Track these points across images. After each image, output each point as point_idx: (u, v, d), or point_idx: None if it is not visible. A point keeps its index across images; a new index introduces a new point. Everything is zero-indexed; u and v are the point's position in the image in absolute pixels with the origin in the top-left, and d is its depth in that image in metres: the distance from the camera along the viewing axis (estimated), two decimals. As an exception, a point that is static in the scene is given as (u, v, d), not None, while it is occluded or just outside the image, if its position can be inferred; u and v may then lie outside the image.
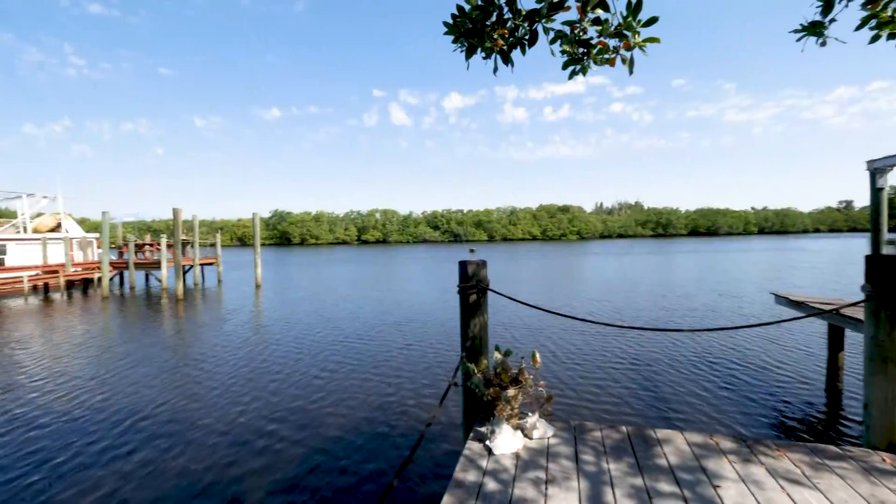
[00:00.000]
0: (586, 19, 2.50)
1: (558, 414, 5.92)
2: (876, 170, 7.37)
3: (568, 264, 34.85)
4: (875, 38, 2.82)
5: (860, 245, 53.87)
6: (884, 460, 2.62)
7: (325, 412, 6.25)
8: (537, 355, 3.17)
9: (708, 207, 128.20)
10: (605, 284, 21.11)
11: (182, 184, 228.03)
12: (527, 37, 2.35)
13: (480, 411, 3.19)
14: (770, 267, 28.62)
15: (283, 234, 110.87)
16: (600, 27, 2.51)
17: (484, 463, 2.64)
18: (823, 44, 2.99)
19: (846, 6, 2.87)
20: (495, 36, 2.32)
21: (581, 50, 2.64)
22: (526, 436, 2.97)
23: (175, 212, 18.40)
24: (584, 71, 2.76)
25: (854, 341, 8.13)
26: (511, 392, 2.97)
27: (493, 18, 2.32)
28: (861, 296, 2.94)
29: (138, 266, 23.58)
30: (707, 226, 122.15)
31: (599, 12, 2.47)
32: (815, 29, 2.90)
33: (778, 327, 10.29)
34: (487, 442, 2.83)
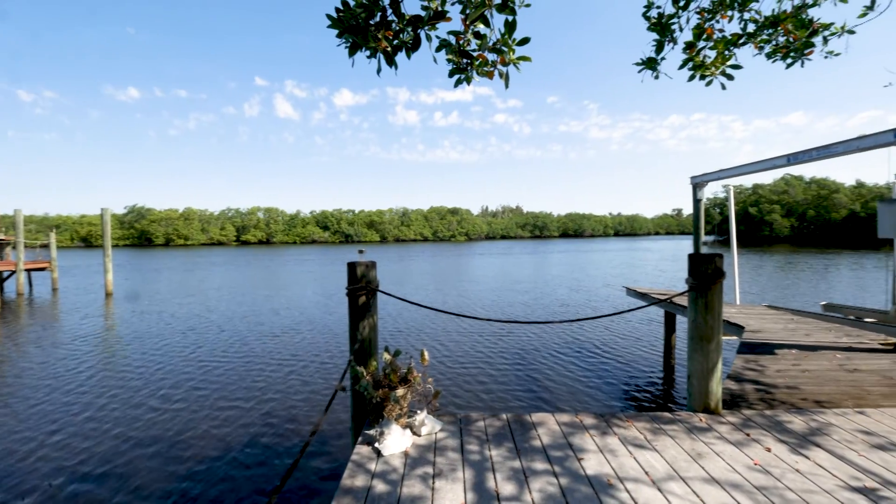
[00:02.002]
0: (469, 31, 2.65)
1: (447, 408, 6.13)
2: (696, 184, 9.08)
3: (456, 264, 36.27)
4: (692, 78, 3.47)
5: (688, 245, 65.76)
6: (701, 420, 3.23)
7: (200, 430, 5.58)
8: (426, 353, 3.24)
9: (575, 212, 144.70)
10: (489, 283, 22.45)
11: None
12: (410, 41, 2.39)
13: (369, 414, 3.15)
14: (622, 263, 33.36)
15: (143, 233, 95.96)
16: (480, 41, 2.68)
17: (373, 466, 2.61)
18: (657, 77, 3.59)
19: (672, 48, 3.49)
20: (379, 36, 2.31)
21: (465, 60, 2.78)
22: (415, 433, 3.01)
23: (-15, 205, 14.70)
24: (468, 80, 2.91)
25: (683, 324, 9.90)
26: (400, 392, 2.99)
27: (377, 19, 2.31)
28: (686, 287, 3.59)
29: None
30: (575, 228, 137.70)
31: (481, 27, 2.63)
32: (650, 64, 3.46)
33: (629, 315, 12.03)
34: (376, 444, 2.81)
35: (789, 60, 3.73)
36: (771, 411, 3.39)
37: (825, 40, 3.74)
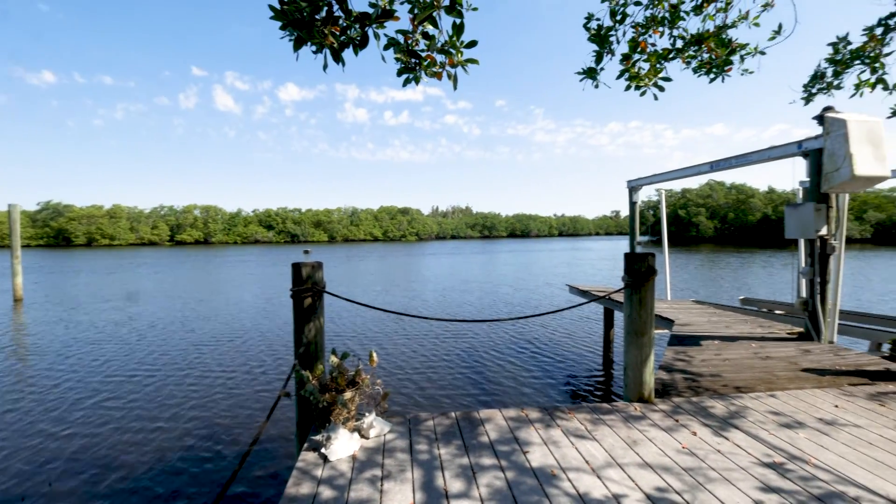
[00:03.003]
0: (418, 31, 2.64)
1: (396, 410, 6.09)
2: (632, 188, 9.67)
3: (406, 265, 36.11)
4: (628, 88, 3.69)
5: (625, 245, 69.80)
6: (636, 409, 3.45)
7: (127, 448, 5.14)
8: (374, 355, 3.21)
9: (522, 213, 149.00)
10: (439, 283, 22.57)
11: None
12: (358, 38, 2.36)
13: (315, 419, 3.06)
14: (565, 263, 34.81)
15: (61, 232, 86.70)
16: (429, 42, 2.69)
17: (319, 472, 2.54)
18: (597, 86, 3.78)
19: (610, 59, 3.69)
20: (325, 32, 2.25)
21: (413, 60, 2.77)
22: (363, 436, 2.97)
23: None
24: (416, 80, 2.91)
25: (621, 320, 10.50)
26: (347, 395, 2.93)
27: (323, 14, 2.25)
28: (623, 284, 3.81)
29: None
30: (522, 229, 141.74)
31: (429, 27, 2.63)
32: (590, 74, 3.63)
33: (572, 311, 12.57)
34: (323, 449, 2.73)
35: (712, 75, 4.08)
36: (697, 398, 3.68)
37: (742, 59, 4.12)
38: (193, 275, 27.96)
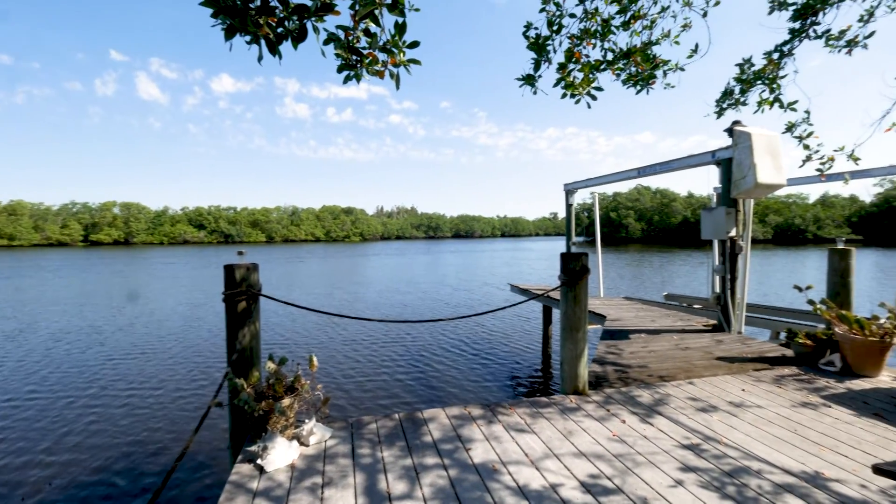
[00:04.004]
0: (359, 28, 2.60)
1: (338, 414, 5.94)
2: (568, 191, 10.16)
3: (350, 266, 35.33)
4: (564, 95, 3.87)
5: (562, 245, 73.15)
6: (571, 401, 3.62)
7: (37, 465, 4.56)
8: (314, 359, 3.10)
9: (467, 214, 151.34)
10: (382, 284, 22.32)
11: None
12: (296, 31, 2.27)
13: (251, 429, 2.91)
14: (506, 262, 35.83)
15: (-60, 231, 75.41)
16: (371, 39, 2.65)
17: (254, 484, 2.42)
18: (535, 92, 3.93)
19: (548, 68, 3.85)
20: (261, 22, 2.15)
21: (354, 57, 2.72)
22: (303, 444, 2.86)
23: None
24: (357, 78, 2.85)
25: (558, 316, 10.98)
26: (286, 402, 2.82)
27: (258, 3, 2.15)
28: (559, 283, 3.98)
29: None
30: (466, 230, 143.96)
31: (371, 25, 2.60)
32: (529, 80, 3.77)
33: (514, 309, 12.96)
34: (259, 460, 2.60)
35: (638, 87, 4.39)
36: (626, 388, 3.94)
37: (665, 73, 4.47)
38: (108, 279, 25.45)
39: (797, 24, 4.39)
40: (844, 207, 77.07)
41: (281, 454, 2.65)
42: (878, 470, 1.74)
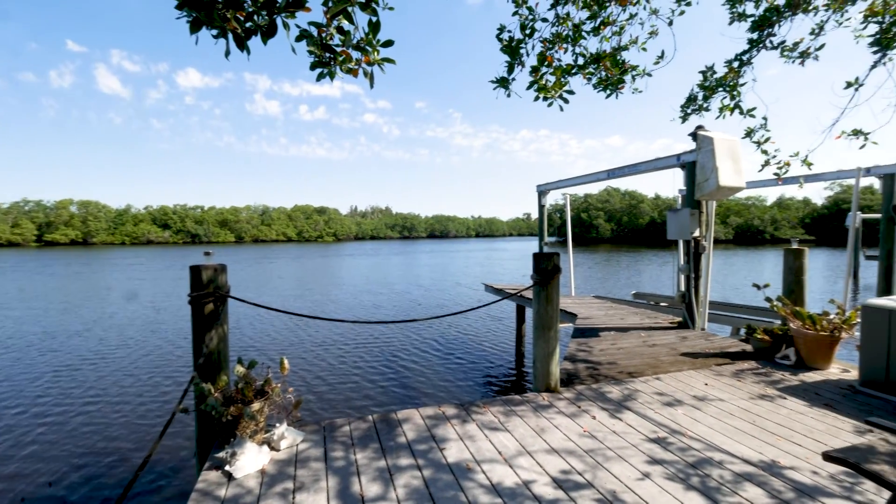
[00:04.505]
0: (332, 25, 2.56)
1: (311, 418, 5.84)
2: (541, 192, 10.33)
3: (323, 266, 34.77)
4: (536, 98, 3.93)
5: (535, 245, 74.26)
6: (544, 398, 3.68)
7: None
8: (286, 361, 3.04)
9: (441, 214, 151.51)
10: (356, 285, 22.07)
11: None
12: (266, 26, 2.22)
13: (219, 435, 2.82)
14: (480, 262, 36.08)
15: None
16: (344, 37, 2.61)
17: (222, 492, 2.35)
18: (508, 95, 3.97)
19: (521, 71, 3.91)
20: (228, 16, 2.09)
21: (328, 55, 2.68)
22: (273, 448, 2.80)
23: None
24: (331, 76, 2.81)
25: (530, 315, 11.14)
26: (256, 406, 2.75)
27: (226, -4, 2.09)
28: (532, 282, 4.04)
29: None
30: (440, 230, 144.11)
31: (345, 22, 2.56)
32: (503, 83, 3.81)
33: (488, 309, 13.06)
34: (227, 467, 2.53)
35: (608, 92, 4.50)
36: (596, 385, 4.04)
37: (633, 79, 4.60)
38: (62, 282, 24.14)
39: (755, 35, 4.61)
40: (799, 209, 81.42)
41: (251, 460, 2.58)
42: (828, 457, 1.84)
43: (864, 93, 4.21)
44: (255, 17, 2.28)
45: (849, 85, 4.27)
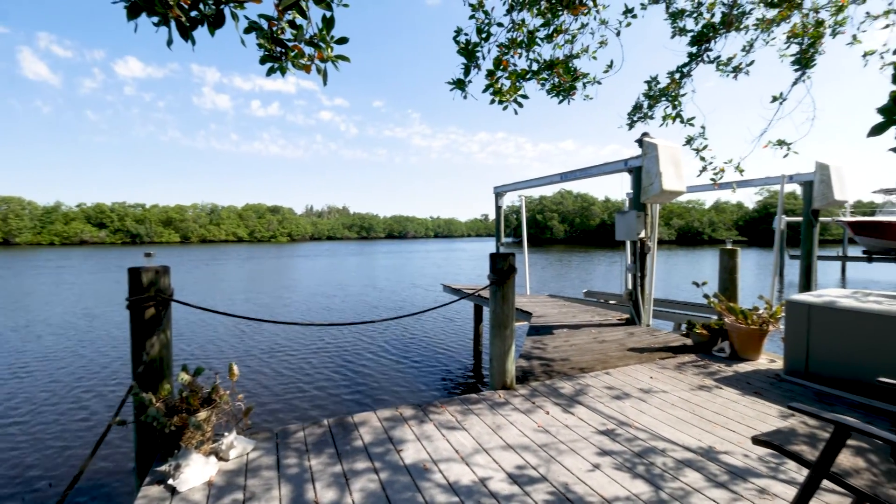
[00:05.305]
0: (284, 19, 2.48)
1: (263, 425, 5.62)
2: (498, 193, 10.51)
3: (275, 267, 33.57)
4: (492, 101, 3.99)
5: (493, 246, 75.47)
6: (500, 396, 3.75)
7: None
8: (234, 367, 2.91)
9: (400, 215, 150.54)
10: (310, 286, 21.49)
11: None
12: (213, 16, 2.12)
13: (161, 447, 2.66)
14: (438, 263, 36.20)
15: None
16: (297, 31, 2.54)
17: (164, 507, 2.21)
18: (465, 97, 4.01)
19: (477, 73, 3.96)
20: (170, 3, 1.98)
21: (279, 49, 2.59)
22: (221, 458, 2.67)
23: None
24: (282, 71, 2.72)
25: (487, 315, 11.31)
26: (202, 415, 2.61)
27: (168, -18, 1.97)
28: (489, 282, 4.11)
29: None
30: (399, 230, 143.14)
31: (297, 17, 2.49)
32: (459, 85, 3.85)
33: (446, 309, 13.12)
34: (170, 480, 2.39)
35: (560, 97, 4.65)
36: (550, 381, 4.16)
37: (584, 86, 4.78)
38: (-18, 284, 21.81)
39: (694, 49, 4.93)
40: (733, 213, 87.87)
41: (196, 472, 2.45)
42: (757, 441, 2.00)
43: (787, 106, 4.61)
44: (202, 6, 2.17)
45: (774, 99, 4.66)
